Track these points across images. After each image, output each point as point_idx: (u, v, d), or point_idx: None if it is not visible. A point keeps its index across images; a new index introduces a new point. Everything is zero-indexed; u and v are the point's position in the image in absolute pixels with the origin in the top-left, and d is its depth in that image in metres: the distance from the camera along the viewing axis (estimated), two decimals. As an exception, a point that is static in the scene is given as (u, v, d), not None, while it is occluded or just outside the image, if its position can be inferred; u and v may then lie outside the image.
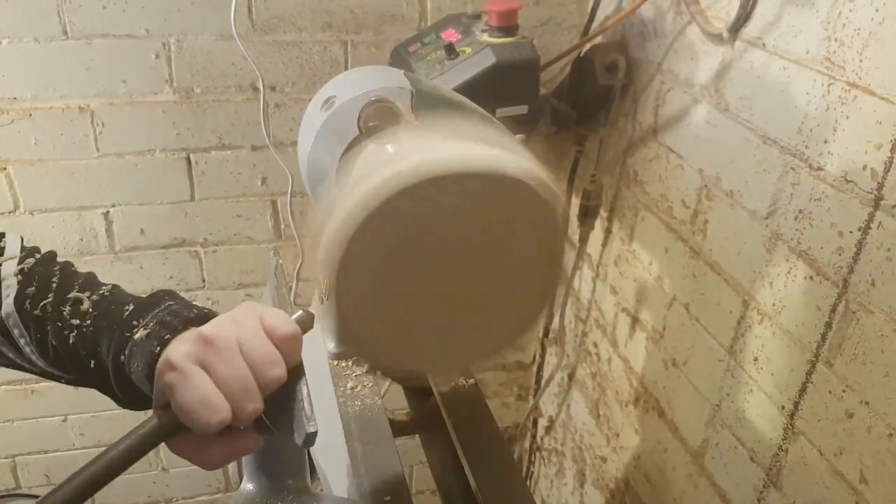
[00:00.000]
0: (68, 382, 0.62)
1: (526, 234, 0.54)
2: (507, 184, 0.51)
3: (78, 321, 0.57)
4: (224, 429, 0.48)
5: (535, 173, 0.52)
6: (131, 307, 0.57)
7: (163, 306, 0.56)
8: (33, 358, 0.60)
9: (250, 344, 0.49)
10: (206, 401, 0.46)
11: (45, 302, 0.59)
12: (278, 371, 0.49)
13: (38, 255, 0.63)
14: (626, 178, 1.26)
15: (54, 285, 0.60)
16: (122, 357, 0.54)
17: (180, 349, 0.49)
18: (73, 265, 0.64)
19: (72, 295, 0.59)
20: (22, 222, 1.31)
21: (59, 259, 0.65)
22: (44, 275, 0.61)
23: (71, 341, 0.57)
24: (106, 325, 0.57)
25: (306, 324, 0.52)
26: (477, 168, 0.50)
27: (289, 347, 0.50)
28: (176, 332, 0.52)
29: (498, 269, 0.55)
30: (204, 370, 0.48)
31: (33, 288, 0.60)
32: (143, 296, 0.60)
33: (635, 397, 1.31)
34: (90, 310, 0.58)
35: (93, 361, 0.57)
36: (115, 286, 0.61)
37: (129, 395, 0.56)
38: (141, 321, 0.55)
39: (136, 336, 0.54)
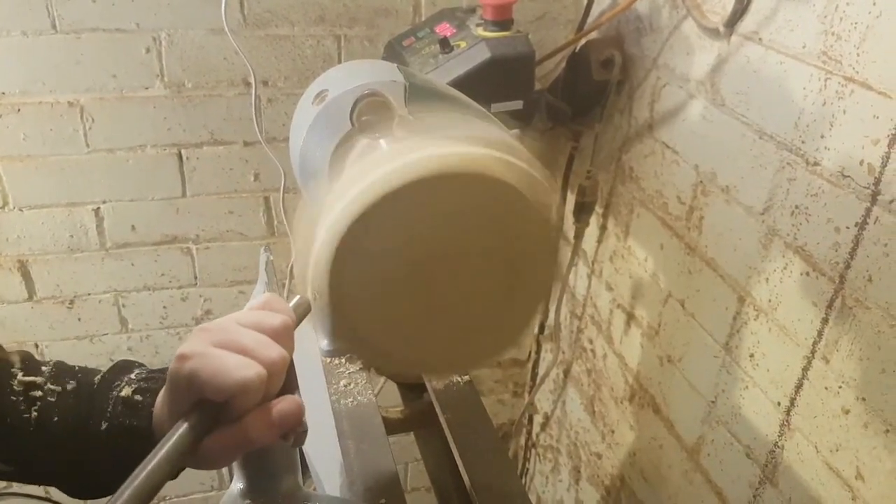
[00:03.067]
0: (11, 478, 0.56)
1: (519, 233, 0.53)
2: (499, 184, 0.50)
3: (40, 393, 0.54)
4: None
5: (526, 171, 0.51)
6: (100, 375, 0.55)
7: (134, 372, 0.55)
8: None
9: (248, 321, 0.48)
10: (236, 362, 0.44)
11: None
12: (286, 343, 0.48)
13: None
14: (622, 174, 1.25)
15: None
16: (104, 423, 0.52)
17: (188, 345, 0.47)
18: None
19: (19, 379, 0.54)
20: (11, 219, 1.29)
21: None
22: None
23: (33, 415, 0.53)
24: (75, 393, 0.54)
25: (303, 309, 0.51)
26: (468, 168, 0.49)
27: (284, 331, 0.49)
28: (163, 384, 0.51)
29: (493, 268, 0.54)
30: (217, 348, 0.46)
31: None
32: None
33: (630, 394, 1.30)
34: (48, 382, 0.54)
35: (56, 442, 0.53)
36: (56, 361, 0.57)
37: (94, 477, 0.54)
38: (120, 383, 0.54)
39: (122, 394, 0.52)
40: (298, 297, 0.51)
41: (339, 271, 0.50)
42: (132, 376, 0.55)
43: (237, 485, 0.63)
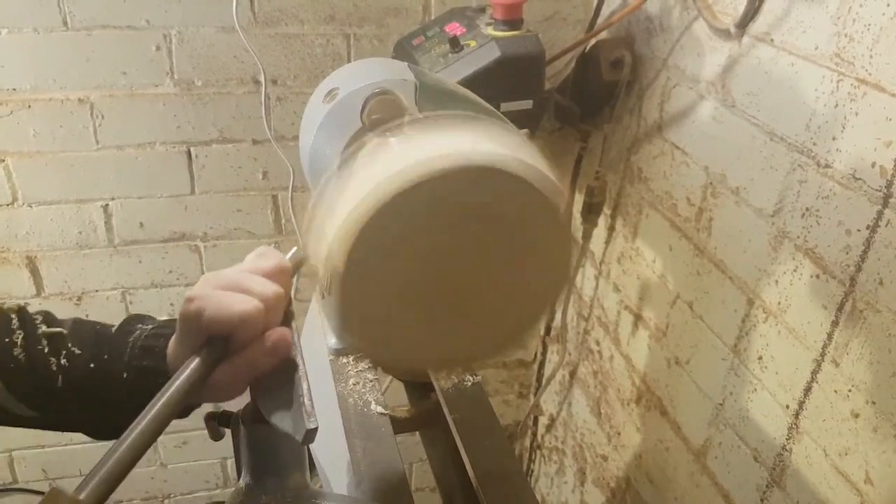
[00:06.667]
0: (36, 425, 0.62)
1: (530, 230, 0.53)
2: (511, 180, 0.50)
3: (67, 347, 0.59)
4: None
5: (538, 169, 0.51)
6: (115, 325, 0.60)
7: (146, 321, 0.60)
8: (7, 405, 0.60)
9: (245, 266, 0.54)
10: (237, 298, 0.50)
11: (18, 353, 0.58)
12: (281, 282, 0.53)
13: None
14: (631, 174, 1.25)
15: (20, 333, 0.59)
16: (124, 368, 0.57)
17: (194, 289, 0.52)
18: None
19: (43, 331, 0.59)
20: (20, 215, 1.30)
21: None
22: None
23: (62, 363, 0.58)
24: (95, 341, 0.58)
25: (298, 259, 0.56)
26: (480, 164, 0.49)
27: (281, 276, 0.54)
28: (173, 331, 0.55)
29: (503, 265, 0.54)
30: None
31: None
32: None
33: (637, 396, 1.30)
34: (70, 334, 0.59)
35: (82, 388, 0.57)
36: (73, 318, 0.62)
37: (115, 419, 0.56)
38: (134, 330, 0.58)
39: (139, 340, 0.57)
40: (294, 249, 0.56)
41: (352, 268, 0.50)
42: (144, 325, 0.60)
43: (245, 482, 0.63)
